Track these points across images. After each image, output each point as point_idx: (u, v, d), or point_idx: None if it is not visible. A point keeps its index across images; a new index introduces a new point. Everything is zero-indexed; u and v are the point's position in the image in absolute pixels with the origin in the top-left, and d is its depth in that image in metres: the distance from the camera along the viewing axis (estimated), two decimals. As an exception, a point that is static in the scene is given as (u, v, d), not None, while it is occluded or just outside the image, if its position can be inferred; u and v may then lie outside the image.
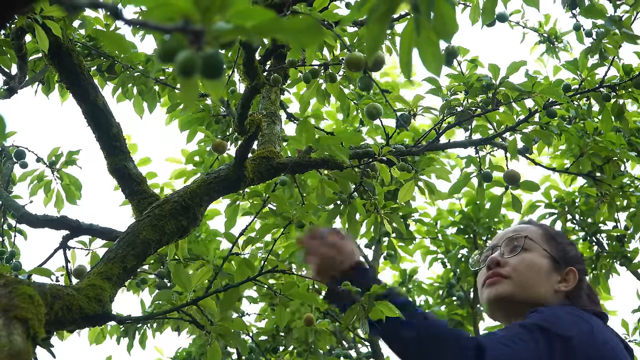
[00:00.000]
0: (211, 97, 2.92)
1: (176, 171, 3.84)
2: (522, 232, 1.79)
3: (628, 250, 4.38)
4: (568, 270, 1.75)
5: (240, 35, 0.69)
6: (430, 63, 0.88)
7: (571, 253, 1.80)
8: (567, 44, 4.09)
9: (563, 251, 1.79)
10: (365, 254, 5.18)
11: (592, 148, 3.39)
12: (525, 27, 4.07)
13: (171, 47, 0.66)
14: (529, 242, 1.76)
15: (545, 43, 4.11)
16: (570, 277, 1.74)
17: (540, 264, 1.73)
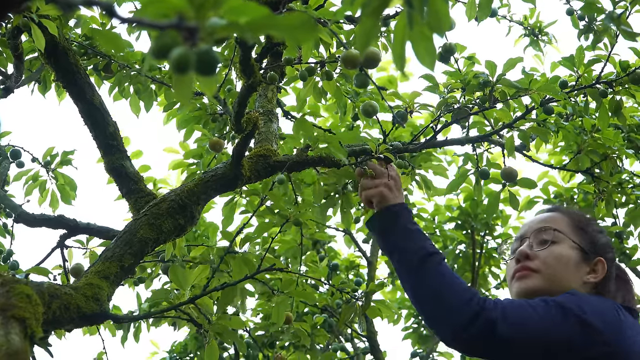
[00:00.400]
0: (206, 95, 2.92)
1: (174, 162, 3.82)
2: (550, 224, 1.78)
3: (627, 247, 4.38)
4: (597, 260, 1.75)
5: (234, 32, 0.68)
6: (424, 57, 0.88)
7: (601, 241, 1.79)
8: (552, 37, 4.11)
9: (592, 241, 1.78)
10: (364, 250, 5.18)
11: (590, 145, 3.39)
12: (512, 21, 4.10)
13: (165, 44, 0.66)
14: (557, 234, 1.75)
15: (530, 36, 4.13)
16: (599, 267, 1.74)
17: (569, 256, 1.73)
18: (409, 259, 1.66)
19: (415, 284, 1.62)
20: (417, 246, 1.66)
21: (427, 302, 1.59)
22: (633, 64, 3.04)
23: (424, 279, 1.60)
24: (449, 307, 1.54)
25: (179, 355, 4.73)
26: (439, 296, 1.57)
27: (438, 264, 1.64)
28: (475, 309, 1.51)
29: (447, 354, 5.42)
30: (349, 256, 5.51)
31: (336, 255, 5.37)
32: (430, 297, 1.58)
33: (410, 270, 1.64)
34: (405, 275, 1.65)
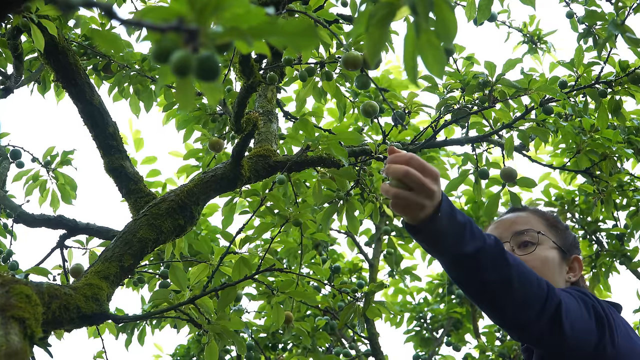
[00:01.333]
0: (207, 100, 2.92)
1: (180, 168, 3.83)
2: (530, 226, 1.76)
3: (628, 249, 4.38)
4: (573, 258, 1.75)
5: (235, 38, 0.69)
6: (432, 66, 0.88)
7: (570, 238, 1.79)
8: (550, 46, 4.12)
9: (564, 238, 1.77)
10: (366, 252, 5.18)
11: (589, 145, 3.39)
12: (511, 27, 4.10)
13: (166, 47, 0.66)
14: (540, 236, 1.74)
15: (528, 44, 4.14)
16: (576, 265, 1.75)
17: (552, 258, 1.72)
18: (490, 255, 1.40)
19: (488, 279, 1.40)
20: (489, 239, 1.41)
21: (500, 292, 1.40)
22: (633, 64, 3.04)
23: (513, 267, 1.41)
24: (525, 292, 1.41)
25: (181, 358, 4.74)
26: (511, 285, 1.41)
27: (499, 254, 1.43)
28: (546, 293, 1.43)
29: (449, 357, 5.42)
30: (353, 259, 5.52)
31: (339, 258, 5.37)
32: (506, 287, 1.41)
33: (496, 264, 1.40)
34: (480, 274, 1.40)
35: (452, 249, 1.37)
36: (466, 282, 1.42)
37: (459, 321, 5.51)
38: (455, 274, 1.43)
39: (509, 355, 4.87)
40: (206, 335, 2.07)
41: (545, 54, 4.15)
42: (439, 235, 1.36)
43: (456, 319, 5.49)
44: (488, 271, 1.38)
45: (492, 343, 5.15)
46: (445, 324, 5.50)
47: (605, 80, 2.99)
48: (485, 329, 5.32)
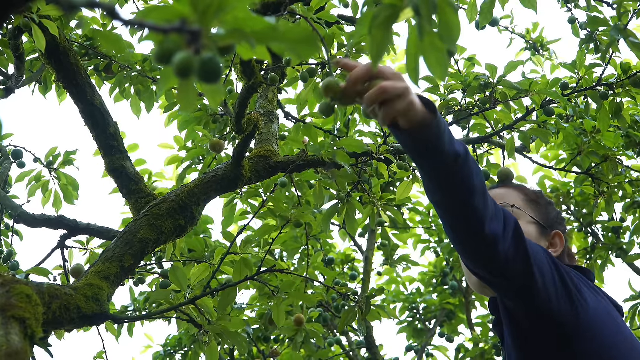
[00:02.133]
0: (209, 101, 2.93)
1: (169, 158, 3.82)
2: (506, 201, 1.72)
3: (624, 242, 4.37)
4: (554, 234, 1.72)
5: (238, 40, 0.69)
6: (435, 68, 0.88)
7: (552, 214, 1.76)
8: (553, 54, 4.12)
9: (546, 214, 1.74)
10: (360, 244, 5.19)
11: (591, 147, 3.39)
12: (514, 33, 4.10)
13: (168, 48, 0.66)
14: (516, 211, 1.70)
15: (531, 50, 4.14)
16: (557, 241, 1.71)
17: (529, 232, 1.68)
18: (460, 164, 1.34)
19: (475, 183, 1.35)
20: (463, 146, 1.35)
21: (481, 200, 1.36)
22: (635, 66, 3.04)
23: (478, 177, 1.36)
24: (493, 207, 1.38)
25: (173, 349, 4.72)
26: (487, 196, 1.37)
27: (475, 162, 1.38)
28: (502, 210, 1.40)
29: (441, 348, 5.42)
30: (345, 250, 5.52)
31: (331, 249, 5.37)
32: (484, 196, 1.37)
33: (471, 170, 1.35)
34: (470, 177, 1.34)
35: (449, 147, 1.30)
36: (457, 184, 1.33)
37: (452, 312, 5.51)
38: (446, 176, 1.34)
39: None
40: (206, 335, 2.07)
41: (547, 61, 4.15)
42: (438, 134, 1.28)
43: (449, 310, 5.49)
44: (474, 175, 1.34)
45: (486, 334, 5.15)
46: (438, 314, 5.51)
47: (606, 83, 2.99)
48: (479, 319, 5.32)
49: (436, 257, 5.52)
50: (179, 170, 3.72)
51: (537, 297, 1.42)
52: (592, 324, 1.46)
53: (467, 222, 1.37)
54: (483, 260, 1.43)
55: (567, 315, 1.44)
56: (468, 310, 5.42)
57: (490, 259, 1.40)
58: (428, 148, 1.30)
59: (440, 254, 5.45)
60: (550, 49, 4.14)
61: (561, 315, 1.44)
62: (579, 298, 1.46)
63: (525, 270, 1.40)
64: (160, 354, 4.72)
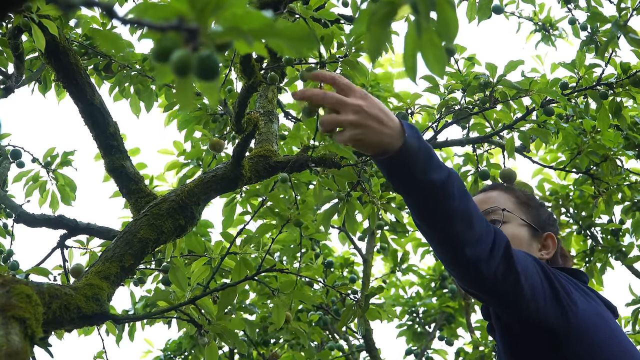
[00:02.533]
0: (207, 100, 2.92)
1: (168, 163, 3.83)
2: (497, 204, 1.72)
3: (623, 245, 4.37)
4: (546, 236, 1.72)
5: (235, 38, 0.68)
6: (433, 65, 0.88)
7: (544, 216, 1.76)
8: (562, 31, 4.10)
9: (537, 216, 1.74)
10: (359, 247, 5.19)
11: (590, 146, 3.39)
12: (521, 17, 4.08)
13: (166, 46, 0.66)
14: (506, 214, 1.70)
15: (541, 32, 4.12)
16: (549, 243, 1.71)
17: (520, 235, 1.68)
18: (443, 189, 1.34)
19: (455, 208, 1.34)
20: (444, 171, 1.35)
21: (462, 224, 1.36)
22: (634, 66, 3.03)
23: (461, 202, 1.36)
24: (480, 229, 1.38)
25: (173, 353, 4.72)
26: (472, 219, 1.37)
27: (462, 186, 1.39)
28: (493, 231, 1.40)
29: (441, 351, 5.42)
30: (344, 253, 5.52)
31: (330, 253, 5.37)
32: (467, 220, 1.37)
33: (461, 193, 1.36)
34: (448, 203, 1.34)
35: (422, 175, 1.30)
36: (433, 210, 1.34)
37: (451, 315, 5.51)
38: (423, 203, 1.35)
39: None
40: (205, 335, 2.07)
41: (557, 40, 4.12)
42: (408, 162, 1.29)
43: (449, 313, 5.49)
44: (455, 199, 1.33)
45: (485, 338, 5.15)
46: (437, 318, 5.51)
47: (606, 82, 2.99)
48: (478, 323, 5.32)
49: (435, 260, 5.52)
50: (178, 175, 3.73)
51: (526, 309, 1.43)
52: (583, 327, 1.46)
53: (447, 247, 1.38)
54: (469, 281, 1.43)
55: (557, 320, 1.45)
56: (467, 313, 5.42)
57: (475, 279, 1.41)
58: (396, 176, 1.32)
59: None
60: (560, 28, 4.11)
61: (551, 320, 1.44)
62: (569, 302, 1.46)
63: (514, 288, 1.40)
64: (160, 359, 4.73)
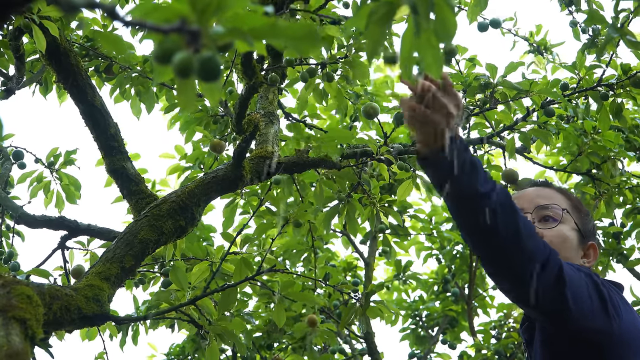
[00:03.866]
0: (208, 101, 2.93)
1: (170, 167, 3.83)
2: (556, 202, 1.72)
3: (624, 248, 4.37)
4: (589, 245, 1.72)
5: (237, 38, 0.69)
6: (431, 66, 0.89)
7: (590, 225, 1.76)
8: (556, 56, 4.12)
9: (585, 224, 1.74)
10: (361, 251, 5.19)
11: (591, 147, 3.39)
12: (517, 35, 4.09)
13: (168, 48, 0.66)
14: (564, 214, 1.70)
15: (534, 53, 4.13)
16: (591, 252, 1.71)
17: (572, 238, 1.68)
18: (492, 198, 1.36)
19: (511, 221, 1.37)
20: (498, 184, 1.41)
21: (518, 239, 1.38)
22: (634, 67, 3.04)
23: (521, 217, 1.39)
24: (541, 245, 1.40)
25: (176, 357, 4.73)
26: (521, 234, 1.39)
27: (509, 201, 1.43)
28: (549, 248, 1.42)
29: (444, 355, 5.42)
30: (347, 257, 5.52)
31: (333, 257, 5.37)
32: (531, 235, 1.40)
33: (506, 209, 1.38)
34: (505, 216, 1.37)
35: (467, 185, 1.35)
36: (477, 225, 1.37)
37: (454, 319, 5.51)
38: (467, 216, 1.39)
39: (504, 354, 4.87)
40: (206, 336, 2.07)
41: (550, 64, 4.14)
42: (452, 168, 1.34)
43: (452, 317, 5.49)
44: (499, 215, 1.36)
45: (488, 341, 5.15)
46: (440, 322, 5.50)
47: (607, 83, 2.99)
48: (481, 326, 5.32)
49: (438, 264, 5.52)
50: (180, 179, 3.73)
51: (572, 323, 1.44)
52: (625, 338, 1.47)
53: (495, 261, 1.42)
54: (516, 297, 1.47)
55: (601, 331, 1.45)
56: (470, 317, 5.41)
57: (522, 296, 1.43)
58: (439, 178, 1.37)
59: (442, 261, 5.45)
60: (554, 52, 4.12)
61: (596, 332, 1.45)
62: (614, 314, 1.47)
63: (561, 306, 1.41)
64: (164, 363, 4.74)
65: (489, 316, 5.45)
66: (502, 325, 5.27)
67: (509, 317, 5.29)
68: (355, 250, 5.19)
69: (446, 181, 1.36)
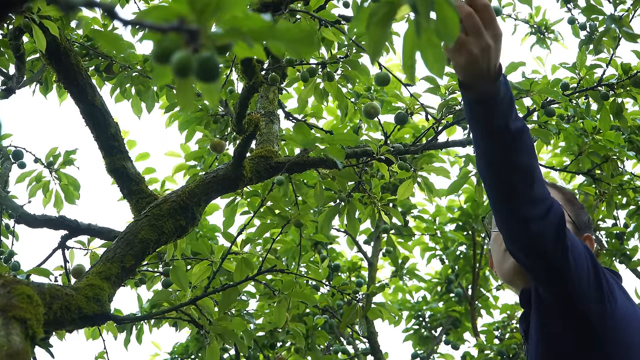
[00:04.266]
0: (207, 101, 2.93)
1: (176, 166, 3.84)
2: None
3: (627, 248, 4.37)
4: (585, 237, 1.74)
5: (236, 39, 0.69)
6: (432, 65, 0.88)
7: (584, 217, 1.79)
8: (558, 35, 4.12)
9: (579, 216, 1.77)
10: (365, 251, 5.19)
11: (591, 147, 3.39)
12: (517, 20, 4.10)
13: (167, 47, 0.66)
14: None
15: (536, 34, 4.14)
16: (587, 244, 1.71)
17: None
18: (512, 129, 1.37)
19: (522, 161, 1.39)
20: (520, 122, 1.40)
21: (524, 180, 1.40)
22: (635, 66, 3.03)
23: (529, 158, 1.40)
24: (539, 192, 1.42)
25: (180, 356, 4.73)
26: (534, 178, 1.41)
27: (532, 143, 1.43)
28: (551, 200, 1.44)
29: (447, 356, 5.42)
30: (352, 258, 5.52)
31: (338, 257, 5.37)
32: (529, 177, 1.41)
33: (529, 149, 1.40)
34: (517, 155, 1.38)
35: (500, 120, 1.35)
36: (498, 158, 1.39)
37: (457, 320, 5.51)
38: (490, 149, 1.39)
39: (507, 354, 4.87)
40: (207, 336, 2.07)
41: (553, 43, 4.14)
42: (493, 101, 1.33)
43: (455, 317, 5.49)
44: (522, 153, 1.37)
45: (491, 342, 5.16)
46: (444, 322, 5.51)
47: (607, 83, 2.98)
48: (484, 327, 5.32)
49: (442, 264, 5.52)
50: (187, 177, 3.74)
51: (570, 284, 1.44)
52: (620, 324, 1.47)
53: (505, 199, 1.42)
54: (517, 239, 1.46)
55: (595, 309, 1.46)
56: (473, 317, 5.42)
57: (524, 237, 1.44)
58: (476, 116, 1.35)
59: (446, 261, 5.46)
60: (555, 31, 4.13)
61: (590, 307, 1.46)
62: (609, 295, 1.48)
63: (561, 256, 1.42)
64: (167, 362, 4.75)
65: (492, 317, 5.45)
66: (506, 326, 5.28)
67: (512, 318, 5.29)
68: (359, 250, 5.19)
69: (488, 112, 1.34)
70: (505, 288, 5.48)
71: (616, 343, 1.46)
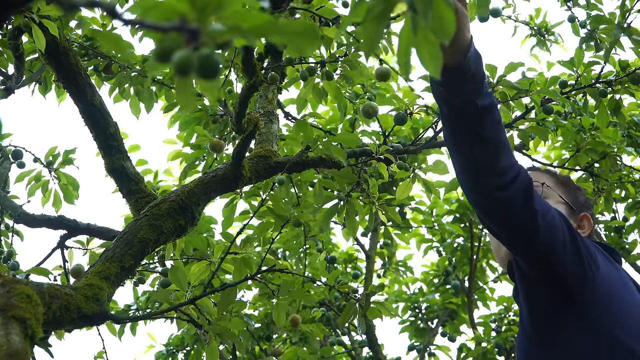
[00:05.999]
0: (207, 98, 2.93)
1: (172, 153, 3.81)
2: (537, 179, 1.77)
3: (626, 242, 4.38)
4: (582, 216, 1.77)
5: (236, 36, 0.69)
6: (428, 63, 0.88)
7: (581, 198, 1.81)
8: (558, 37, 4.12)
9: (575, 196, 1.79)
10: (362, 243, 5.19)
11: (589, 144, 3.40)
12: (517, 21, 4.11)
13: (168, 46, 0.66)
14: (546, 189, 1.75)
15: (536, 36, 4.14)
16: (585, 223, 1.76)
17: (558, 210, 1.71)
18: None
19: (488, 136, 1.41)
20: (489, 99, 1.41)
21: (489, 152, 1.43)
22: (632, 63, 3.04)
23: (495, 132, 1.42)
24: (505, 163, 1.44)
25: (175, 348, 4.72)
26: (500, 151, 1.43)
27: (499, 118, 1.45)
28: (518, 169, 1.46)
29: (444, 347, 5.42)
30: (348, 249, 5.52)
31: (334, 248, 5.37)
32: (495, 150, 1.43)
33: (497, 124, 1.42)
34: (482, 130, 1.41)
35: (470, 96, 1.36)
36: (468, 132, 1.41)
37: (454, 312, 5.52)
38: (458, 124, 1.42)
39: (504, 347, 4.88)
40: (206, 335, 2.07)
41: (553, 45, 4.14)
42: (463, 77, 1.34)
43: (451, 309, 5.50)
44: (490, 129, 1.40)
45: (488, 334, 5.16)
46: (440, 314, 5.52)
47: (605, 80, 2.98)
48: (481, 319, 5.33)
49: (439, 256, 5.53)
50: (183, 164, 3.72)
51: (543, 249, 1.46)
52: (603, 289, 1.49)
53: (470, 170, 1.45)
54: (483, 207, 1.49)
55: (575, 273, 1.48)
56: (470, 309, 5.42)
57: (489, 205, 1.47)
58: (447, 87, 1.36)
59: (443, 253, 5.46)
60: (555, 32, 4.13)
61: (569, 272, 1.48)
62: (589, 260, 1.50)
63: (530, 223, 1.44)
64: (162, 354, 4.72)
65: (489, 309, 5.46)
66: (502, 318, 5.28)
67: (509, 310, 5.30)
68: (356, 242, 5.19)
69: (458, 90, 1.35)
70: (502, 280, 5.50)
71: (598, 308, 1.48)
